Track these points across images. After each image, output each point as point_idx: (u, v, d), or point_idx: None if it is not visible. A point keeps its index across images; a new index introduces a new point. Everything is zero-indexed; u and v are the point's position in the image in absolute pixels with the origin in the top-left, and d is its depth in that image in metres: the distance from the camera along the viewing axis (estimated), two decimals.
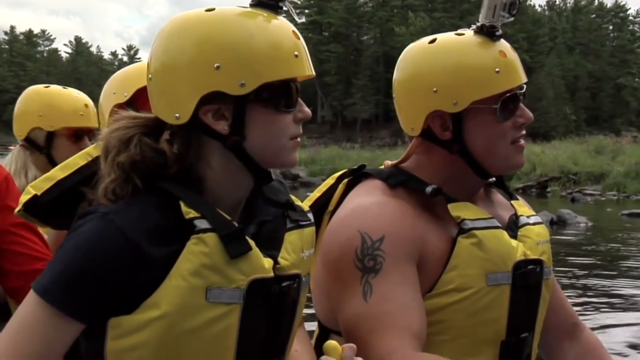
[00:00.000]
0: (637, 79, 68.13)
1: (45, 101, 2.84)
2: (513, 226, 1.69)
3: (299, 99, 1.33)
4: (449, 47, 1.62)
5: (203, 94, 1.26)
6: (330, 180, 1.76)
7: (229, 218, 1.28)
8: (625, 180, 24.15)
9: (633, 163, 25.05)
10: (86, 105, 2.85)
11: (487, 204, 1.72)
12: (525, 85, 1.65)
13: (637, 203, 19.99)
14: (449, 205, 1.60)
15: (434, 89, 1.59)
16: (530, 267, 1.62)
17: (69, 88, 2.99)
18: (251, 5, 1.32)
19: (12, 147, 2.89)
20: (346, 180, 1.72)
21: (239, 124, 1.28)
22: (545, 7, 79.41)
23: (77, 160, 1.38)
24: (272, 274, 1.30)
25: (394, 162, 1.74)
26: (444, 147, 1.63)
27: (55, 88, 2.95)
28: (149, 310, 1.22)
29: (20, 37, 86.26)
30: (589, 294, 7.43)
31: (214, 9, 1.30)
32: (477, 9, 1.66)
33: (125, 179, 1.27)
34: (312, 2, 73.76)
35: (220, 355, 1.27)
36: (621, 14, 74.63)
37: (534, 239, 1.68)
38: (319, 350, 1.45)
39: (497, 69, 1.58)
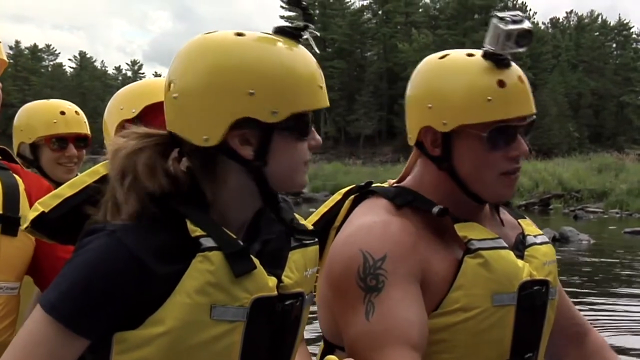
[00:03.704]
0: None
1: (24, 115, 2.93)
2: (520, 246, 1.68)
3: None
4: (452, 67, 1.60)
5: (235, 119, 1.26)
6: (337, 196, 1.77)
7: (234, 237, 1.29)
8: (628, 198, 24.16)
9: (636, 181, 25.06)
10: (62, 112, 2.87)
11: (493, 223, 1.71)
12: (532, 117, 1.59)
13: (639, 221, 19.93)
14: (455, 226, 1.59)
15: (429, 105, 1.59)
16: (536, 287, 1.61)
17: (58, 100, 3.03)
18: (274, 33, 1.32)
19: None
20: (352, 196, 1.73)
21: (264, 150, 1.29)
22: (549, 25, 79.61)
23: (84, 179, 1.39)
24: (275, 293, 1.31)
25: (396, 180, 1.74)
26: (434, 162, 1.63)
27: (40, 101, 3.02)
28: (153, 326, 1.22)
29: (25, 52, 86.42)
30: (590, 311, 7.40)
31: (244, 34, 1.30)
32: (481, 26, 1.66)
33: (141, 208, 1.27)
34: (315, 18, 73.92)
35: None
36: (624, 32, 74.69)
37: (541, 259, 1.67)
38: None
39: (489, 98, 1.54)
